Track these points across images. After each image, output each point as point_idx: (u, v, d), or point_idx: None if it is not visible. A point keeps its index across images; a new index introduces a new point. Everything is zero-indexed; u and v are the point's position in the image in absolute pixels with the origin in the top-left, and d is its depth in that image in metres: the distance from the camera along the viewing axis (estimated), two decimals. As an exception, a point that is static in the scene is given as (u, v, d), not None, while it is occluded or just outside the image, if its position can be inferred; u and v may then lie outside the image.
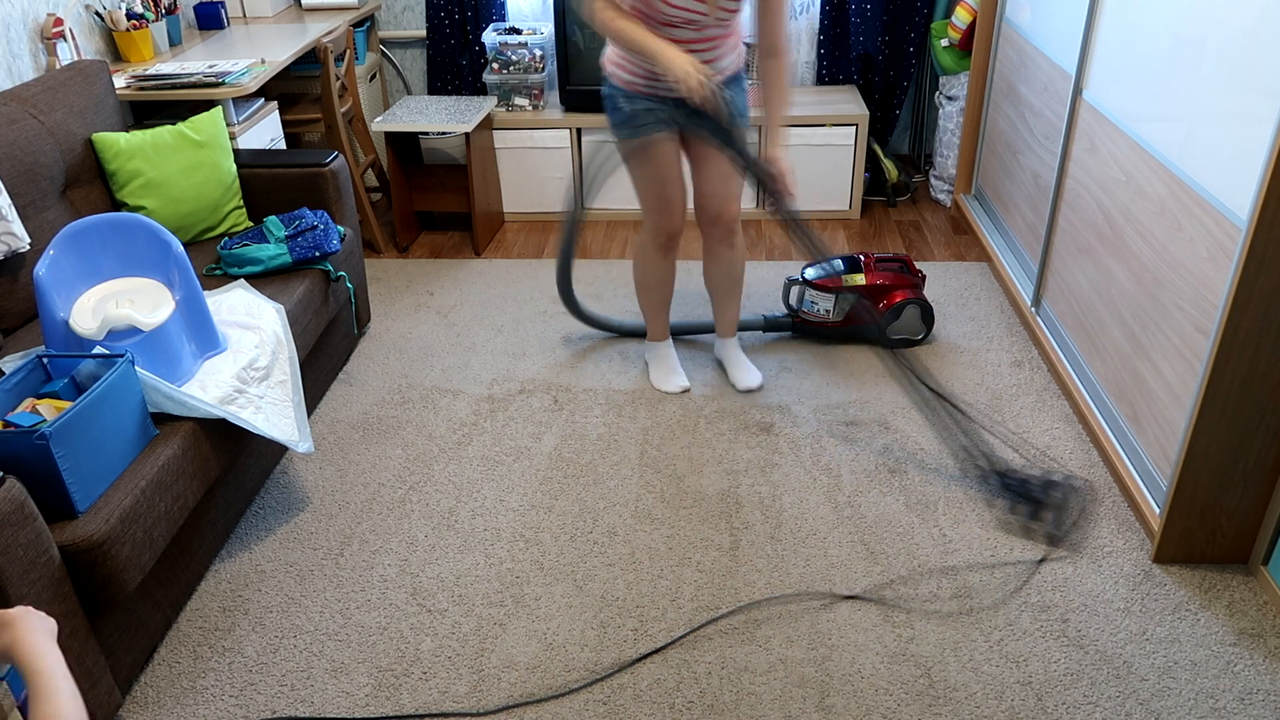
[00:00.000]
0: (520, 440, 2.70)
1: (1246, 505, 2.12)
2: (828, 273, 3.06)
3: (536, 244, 3.94)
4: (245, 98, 3.25)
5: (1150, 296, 2.31)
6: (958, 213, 4.02)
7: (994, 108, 3.65)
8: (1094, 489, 2.40)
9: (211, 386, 2.17)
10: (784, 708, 1.90)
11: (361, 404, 2.89)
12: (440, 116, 3.70)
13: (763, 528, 2.35)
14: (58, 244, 2.12)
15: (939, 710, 1.88)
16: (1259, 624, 2.04)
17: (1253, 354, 1.94)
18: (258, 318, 2.43)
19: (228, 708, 1.94)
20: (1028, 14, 3.27)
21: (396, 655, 2.04)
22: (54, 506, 1.77)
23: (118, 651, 1.90)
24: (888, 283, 3.03)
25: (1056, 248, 2.94)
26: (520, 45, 3.93)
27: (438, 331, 3.27)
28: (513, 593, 2.19)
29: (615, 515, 2.41)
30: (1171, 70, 2.23)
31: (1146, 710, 1.86)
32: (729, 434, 2.69)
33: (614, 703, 1.92)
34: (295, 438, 2.30)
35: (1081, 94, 2.75)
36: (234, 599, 2.20)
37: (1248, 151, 1.89)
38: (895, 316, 3.04)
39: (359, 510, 2.46)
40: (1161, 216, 2.25)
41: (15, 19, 2.92)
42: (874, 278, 3.03)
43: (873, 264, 3.07)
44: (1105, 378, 2.57)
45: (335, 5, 4.11)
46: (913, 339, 3.09)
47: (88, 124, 2.74)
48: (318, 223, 2.76)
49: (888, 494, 2.45)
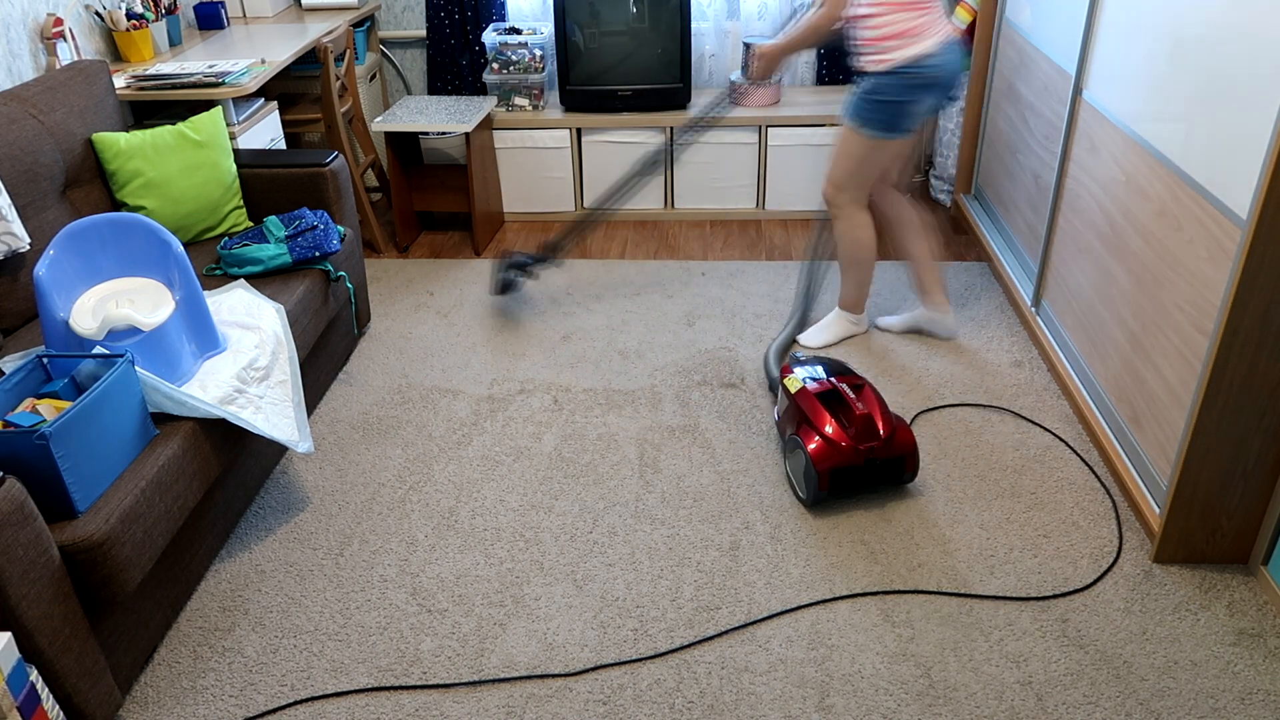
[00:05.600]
0: (520, 440, 2.70)
1: (1246, 505, 2.12)
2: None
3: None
4: (245, 98, 3.25)
5: (1150, 296, 2.31)
6: (958, 213, 4.02)
7: (994, 108, 3.65)
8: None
9: (211, 386, 2.17)
10: (784, 708, 1.90)
11: (361, 404, 2.89)
12: (440, 116, 3.70)
13: (763, 528, 2.35)
14: (58, 244, 2.12)
15: (939, 710, 1.88)
16: (1259, 624, 2.04)
17: (1253, 354, 1.94)
18: (258, 318, 2.43)
19: (228, 708, 1.94)
20: (1028, 14, 3.27)
21: (396, 655, 2.04)
22: (54, 506, 1.77)
23: (118, 651, 1.90)
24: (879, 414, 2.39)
25: (1056, 248, 2.94)
26: (520, 45, 3.93)
27: (438, 331, 3.27)
28: (513, 593, 2.19)
29: (615, 515, 2.41)
30: (1171, 70, 2.22)
31: (1146, 710, 1.86)
32: (729, 433, 2.69)
33: (614, 703, 1.92)
34: (295, 438, 2.30)
35: (1081, 94, 2.75)
36: (234, 599, 2.20)
37: (1248, 151, 1.89)
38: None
39: (359, 510, 2.46)
40: (1161, 216, 2.25)
41: (15, 19, 2.92)
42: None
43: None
44: (1105, 378, 2.57)
45: (335, 5, 4.11)
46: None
47: (88, 124, 2.74)
48: (318, 223, 2.76)
49: (888, 494, 2.45)
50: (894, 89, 2.60)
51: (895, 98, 2.61)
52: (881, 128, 2.67)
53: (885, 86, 2.61)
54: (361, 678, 1.99)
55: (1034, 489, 2.44)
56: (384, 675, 2.00)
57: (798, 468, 2.41)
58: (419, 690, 1.96)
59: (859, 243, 2.92)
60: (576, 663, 2.01)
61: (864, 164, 2.77)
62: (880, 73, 2.60)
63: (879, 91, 2.62)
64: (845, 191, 2.85)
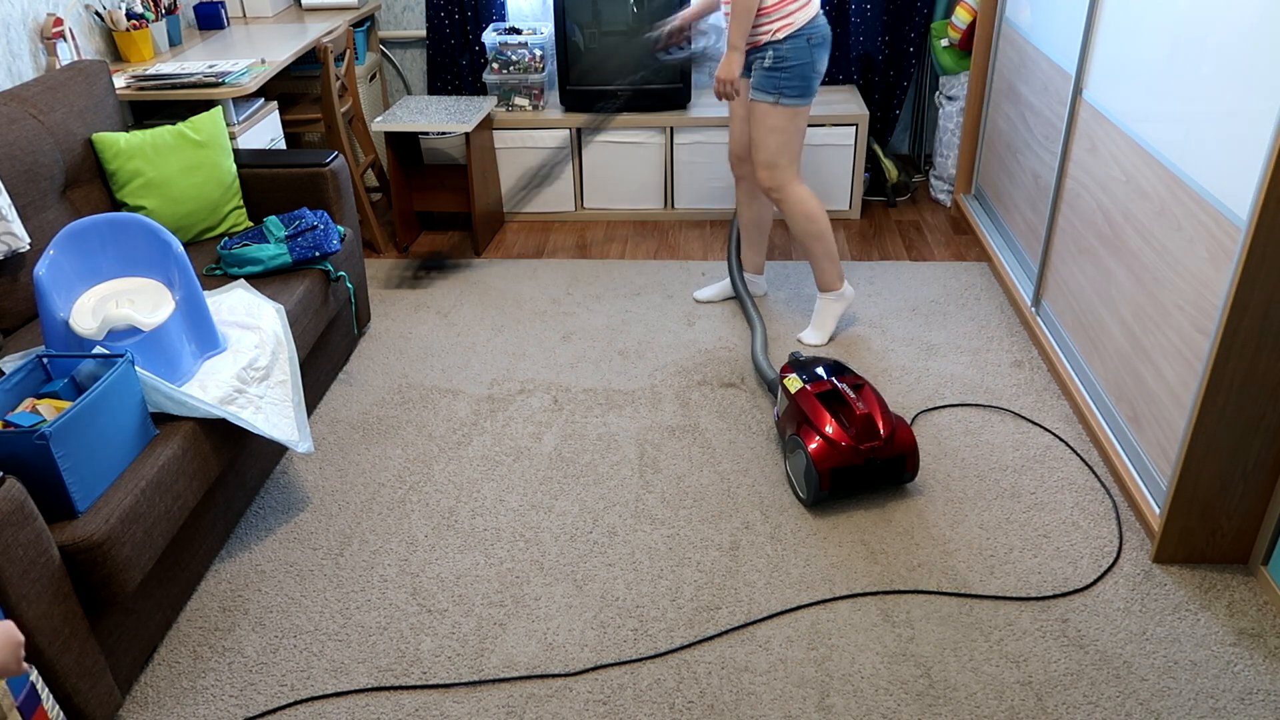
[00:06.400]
0: (520, 440, 2.70)
1: (1246, 505, 2.12)
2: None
3: (536, 244, 3.94)
4: (245, 98, 3.25)
5: (1150, 296, 2.31)
6: (958, 213, 4.02)
7: (994, 108, 3.65)
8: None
9: (211, 386, 2.17)
10: (784, 708, 1.90)
11: (361, 404, 2.89)
12: (440, 116, 3.70)
13: (763, 528, 2.35)
14: (58, 244, 2.12)
15: (939, 710, 1.88)
16: (1259, 624, 2.04)
17: (1253, 354, 1.94)
18: (258, 318, 2.43)
19: (228, 708, 1.94)
20: (1028, 14, 3.27)
21: (396, 655, 2.04)
22: (54, 506, 1.77)
23: (118, 651, 1.90)
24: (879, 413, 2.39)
25: (1056, 248, 2.94)
26: (520, 45, 3.93)
27: (438, 331, 3.27)
28: (513, 593, 2.19)
29: (615, 515, 2.41)
30: (1171, 70, 2.22)
31: (1146, 710, 1.86)
32: (729, 433, 2.69)
33: (614, 703, 1.92)
34: (295, 438, 2.30)
35: (1081, 94, 2.75)
36: (234, 599, 2.20)
37: (1248, 151, 1.89)
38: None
39: (359, 510, 2.46)
40: (1161, 216, 2.25)
41: (15, 19, 2.92)
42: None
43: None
44: (1105, 378, 2.57)
45: (335, 5, 4.11)
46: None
47: (88, 124, 2.74)
48: (318, 223, 2.76)
49: (888, 494, 2.45)
50: (801, 52, 2.73)
51: (804, 60, 2.74)
52: (797, 94, 2.78)
53: (792, 51, 2.72)
54: (361, 678, 1.99)
55: (1034, 489, 2.44)
56: (384, 675, 2.00)
57: (798, 468, 2.41)
58: (419, 690, 1.96)
59: (810, 215, 2.96)
60: (576, 663, 2.01)
61: (789, 136, 2.86)
62: (784, 39, 2.72)
63: (788, 58, 2.73)
64: (779, 169, 2.91)
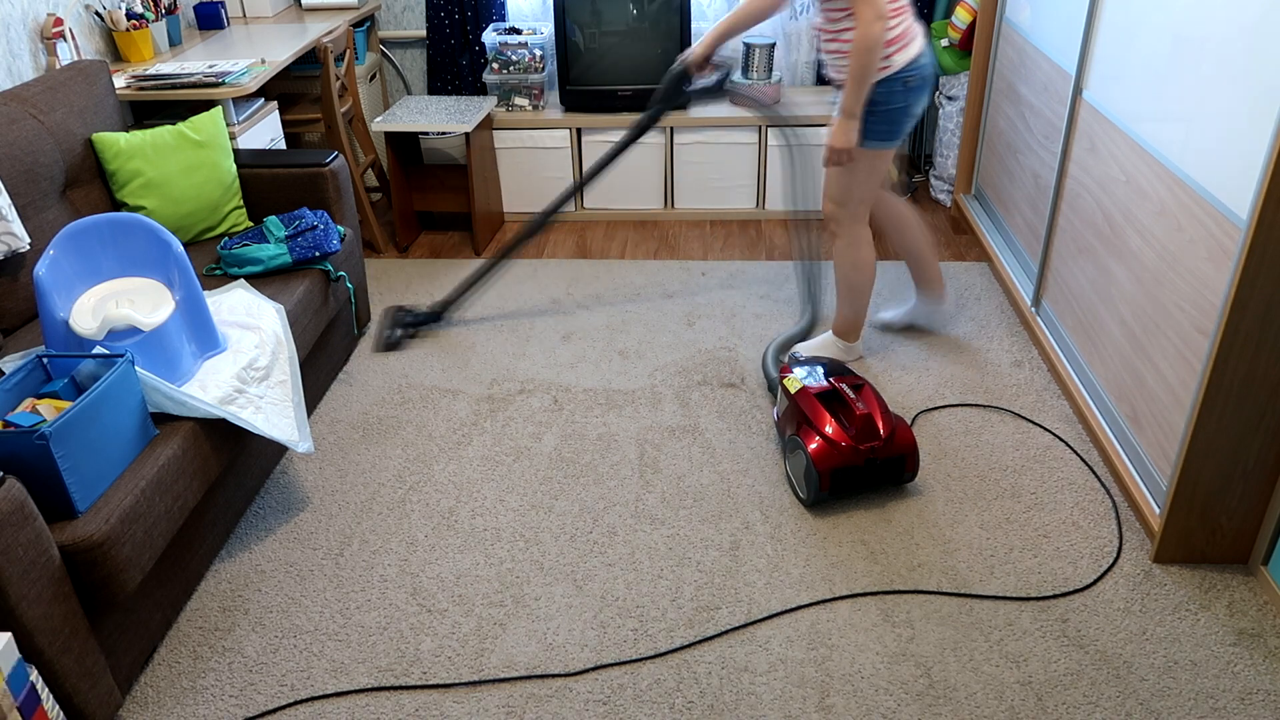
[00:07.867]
0: (520, 440, 2.70)
1: (1246, 505, 2.12)
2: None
3: (536, 244, 3.94)
4: (245, 98, 3.25)
5: (1150, 296, 2.31)
6: (958, 213, 4.02)
7: (994, 108, 3.65)
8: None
9: (211, 386, 2.17)
10: (784, 708, 1.90)
11: (361, 404, 2.89)
12: (440, 116, 3.70)
13: (763, 528, 2.35)
14: (58, 244, 2.12)
15: (939, 710, 1.88)
16: (1259, 624, 2.04)
17: (1253, 354, 1.94)
18: (258, 318, 2.43)
19: (228, 708, 1.94)
20: (1028, 14, 3.27)
21: (396, 655, 2.04)
22: (54, 506, 1.77)
23: (118, 651, 1.90)
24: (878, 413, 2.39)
25: (1056, 248, 2.94)
26: (520, 45, 3.93)
27: (437, 331, 3.27)
28: (513, 593, 2.19)
29: (615, 515, 2.41)
30: (1171, 70, 2.22)
31: (1146, 710, 1.86)
32: (729, 433, 2.69)
33: (614, 703, 1.92)
34: (295, 438, 2.30)
35: (1081, 94, 2.75)
36: (234, 599, 2.20)
37: (1248, 151, 1.89)
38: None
39: (359, 510, 2.46)
40: (1161, 216, 2.25)
41: (15, 19, 2.92)
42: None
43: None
44: (1105, 378, 2.57)
45: (335, 5, 4.11)
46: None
47: (88, 124, 2.74)
48: (318, 223, 2.76)
49: (888, 494, 2.45)
50: (898, 95, 2.56)
51: (899, 104, 2.57)
52: (883, 137, 2.62)
53: (886, 96, 2.55)
54: (361, 678, 1.99)
55: (1034, 489, 2.44)
56: (384, 675, 2.00)
57: (798, 468, 2.41)
58: (419, 690, 1.96)
59: (858, 264, 2.82)
60: (576, 663, 2.01)
61: (866, 177, 2.68)
62: (881, 80, 2.54)
63: (883, 100, 2.56)
64: (847, 208, 2.75)
